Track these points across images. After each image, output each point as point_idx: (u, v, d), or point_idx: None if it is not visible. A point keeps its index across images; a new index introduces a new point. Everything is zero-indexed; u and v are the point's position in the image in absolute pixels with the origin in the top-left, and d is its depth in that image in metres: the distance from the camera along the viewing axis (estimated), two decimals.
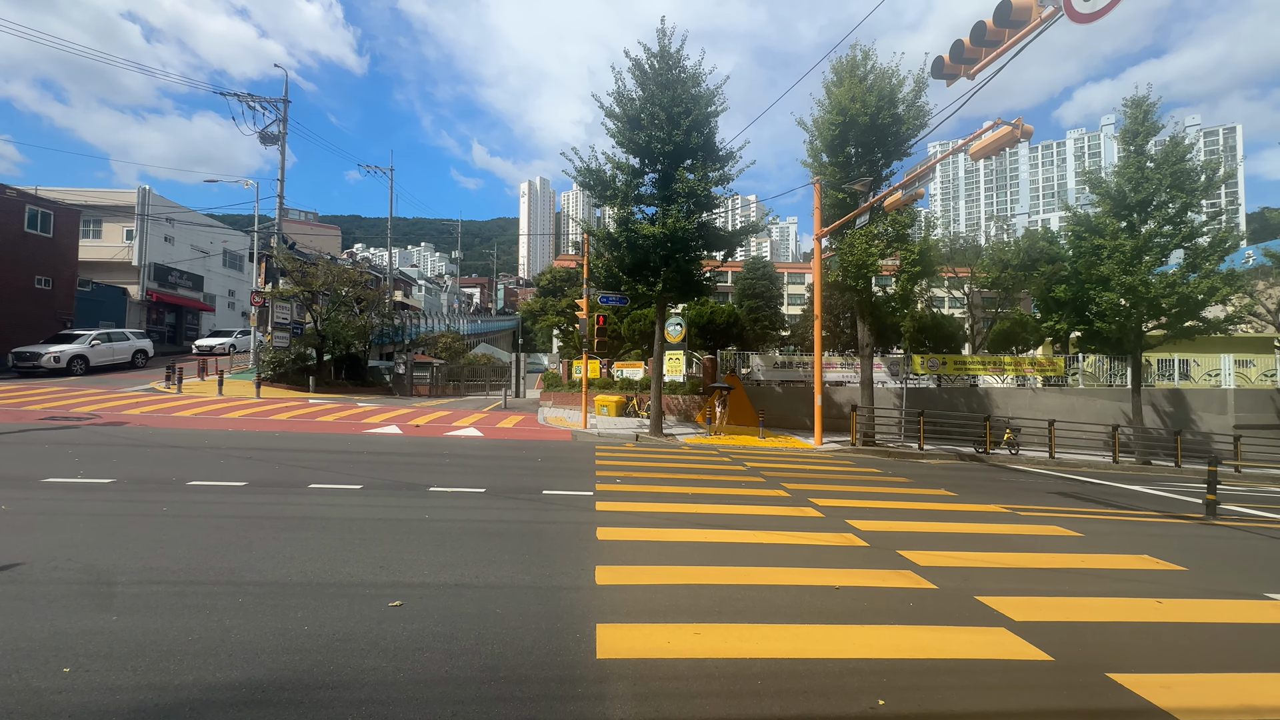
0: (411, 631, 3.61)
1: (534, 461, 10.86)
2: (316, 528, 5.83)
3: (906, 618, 4.29)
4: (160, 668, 3.07)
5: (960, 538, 6.90)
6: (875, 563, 5.66)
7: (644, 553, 5.57)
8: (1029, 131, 9.47)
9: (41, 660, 3.10)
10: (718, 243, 16.40)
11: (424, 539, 5.62)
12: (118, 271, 31.02)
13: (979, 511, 8.52)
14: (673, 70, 15.17)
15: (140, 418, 14.06)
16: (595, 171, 15.41)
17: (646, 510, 7.31)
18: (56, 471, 7.84)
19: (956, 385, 21.76)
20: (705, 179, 15.23)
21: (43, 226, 25.28)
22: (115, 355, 23.75)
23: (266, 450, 10.60)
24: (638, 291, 16.03)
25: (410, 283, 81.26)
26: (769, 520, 7.18)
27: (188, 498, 6.84)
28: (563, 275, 38.62)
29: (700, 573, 5.05)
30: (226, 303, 39.07)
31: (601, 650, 3.48)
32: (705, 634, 3.82)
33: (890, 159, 16.62)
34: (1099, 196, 17.93)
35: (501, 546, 5.49)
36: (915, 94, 15.75)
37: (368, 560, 4.94)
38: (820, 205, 16.57)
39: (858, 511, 7.90)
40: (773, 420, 19.01)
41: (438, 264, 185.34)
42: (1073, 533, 7.46)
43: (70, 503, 6.44)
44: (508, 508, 7.11)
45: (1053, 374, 21.50)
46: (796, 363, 21.46)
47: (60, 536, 5.23)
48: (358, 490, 7.60)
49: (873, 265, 15.92)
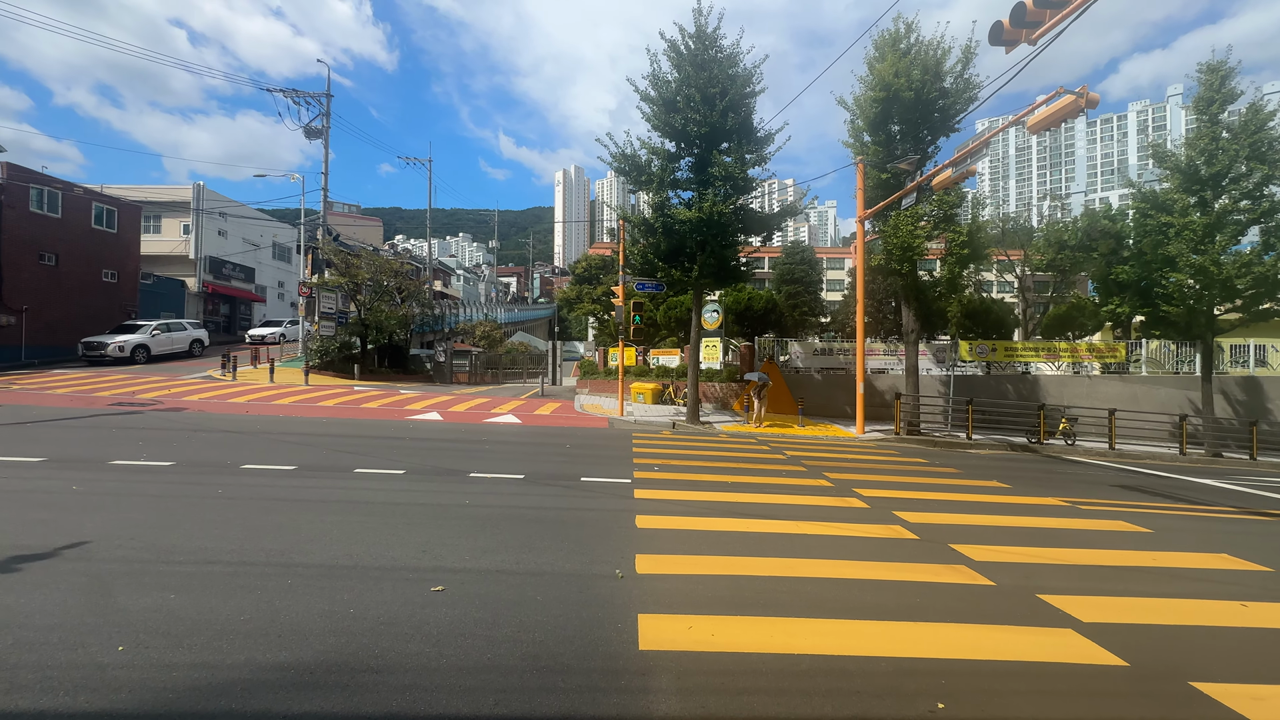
0: (453, 617, 3.61)
1: (571, 448, 10.88)
2: (361, 511, 5.94)
3: (964, 616, 4.08)
4: (214, 646, 3.14)
5: (1017, 532, 6.57)
6: (926, 557, 5.42)
7: (684, 542, 5.47)
8: (1094, 100, 8.84)
9: (105, 636, 3.21)
10: (755, 226, 16.03)
11: (464, 524, 5.66)
12: (176, 264, 32.51)
13: (1036, 505, 8.11)
14: (709, 50, 14.80)
15: (198, 403, 14.70)
16: (630, 157, 15.22)
17: (685, 499, 7.21)
18: (122, 454, 8.23)
19: (1006, 373, 20.87)
20: (742, 161, 14.87)
21: (108, 223, 26.63)
22: (174, 344, 24.94)
23: (314, 435, 10.93)
24: (674, 278, 15.83)
25: (449, 272, 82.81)
26: (812, 510, 6.99)
27: (241, 480, 7.08)
28: (598, 263, 38.63)
29: (742, 563, 4.92)
30: (276, 293, 40.54)
31: (644, 641, 3.41)
32: (750, 627, 3.70)
33: (936, 136, 15.87)
34: (1167, 171, 16.76)
35: (541, 533, 5.47)
36: (962, 66, 14.96)
37: (410, 544, 5.00)
38: (863, 186, 15.98)
39: (905, 503, 7.62)
40: (812, 409, 18.62)
41: (475, 254, 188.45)
42: (1140, 529, 7.02)
43: (134, 484, 6.75)
44: (546, 494, 7.11)
45: (1112, 361, 20.37)
46: (837, 349, 20.93)
47: (124, 516, 5.47)
48: (400, 475, 7.73)
49: (918, 248, 15.30)
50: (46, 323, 23.35)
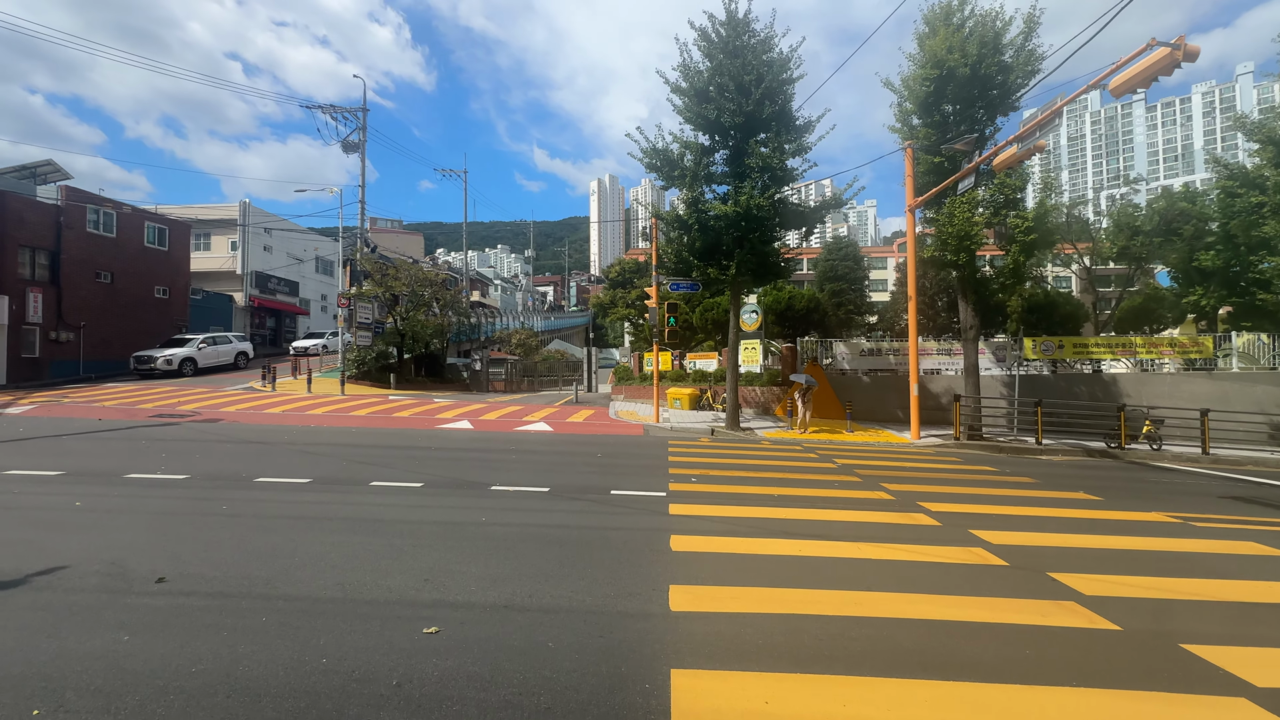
0: (444, 671, 2.94)
1: (603, 458, 10.20)
2: (368, 531, 5.38)
3: (1097, 676, 3.16)
4: (145, 711, 2.55)
5: (1125, 557, 5.52)
6: (1023, 589, 4.48)
7: (727, 568, 4.69)
8: (1193, 53, 7.67)
9: (26, 693, 2.66)
10: (795, 220, 15.11)
11: (477, 546, 5.03)
12: (224, 280, 33.57)
13: (1139, 521, 6.96)
14: (741, 36, 14.03)
15: (234, 414, 14.70)
16: (661, 151, 14.54)
17: (727, 515, 6.41)
18: (142, 467, 7.98)
19: (1074, 371, 19.17)
20: (781, 151, 13.99)
21: (160, 241, 27.61)
22: (220, 357, 25.56)
23: (339, 446, 10.59)
24: (710, 277, 15.03)
25: (487, 283, 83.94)
26: (874, 529, 6.09)
27: (251, 495, 6.66)
28: (632, 267, 38.07)
29: (800, 598, 4.10)
30: (320, 306, 41.53)
31: (677, 712, 2.66)
32: (816, 692, 2.90)
33: (993, 115, 14.63)
34: (1258, 144, 15.05)
35: (561, 557, 4.78)
36: (1025, 37, 13.71)
37: (412, 571, 4.38)
38: (912, 173, 14.85)
39: (981, 519, 6.62)
40: (860, 413, 17.45)
41: (513, 265, 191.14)
42: (1277, 551, 5.84)
43: (141, 499, 6.39)
44: (571, 510, 6.43)
45: (1197, 356, 18.42)
46: (886, 349, 19.65)
47: (114, 537, 5.04)
48: (418, 489, 7.19)
49: (976, 236, 14.07)
50: (102, 338, 24.24)
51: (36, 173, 26.82)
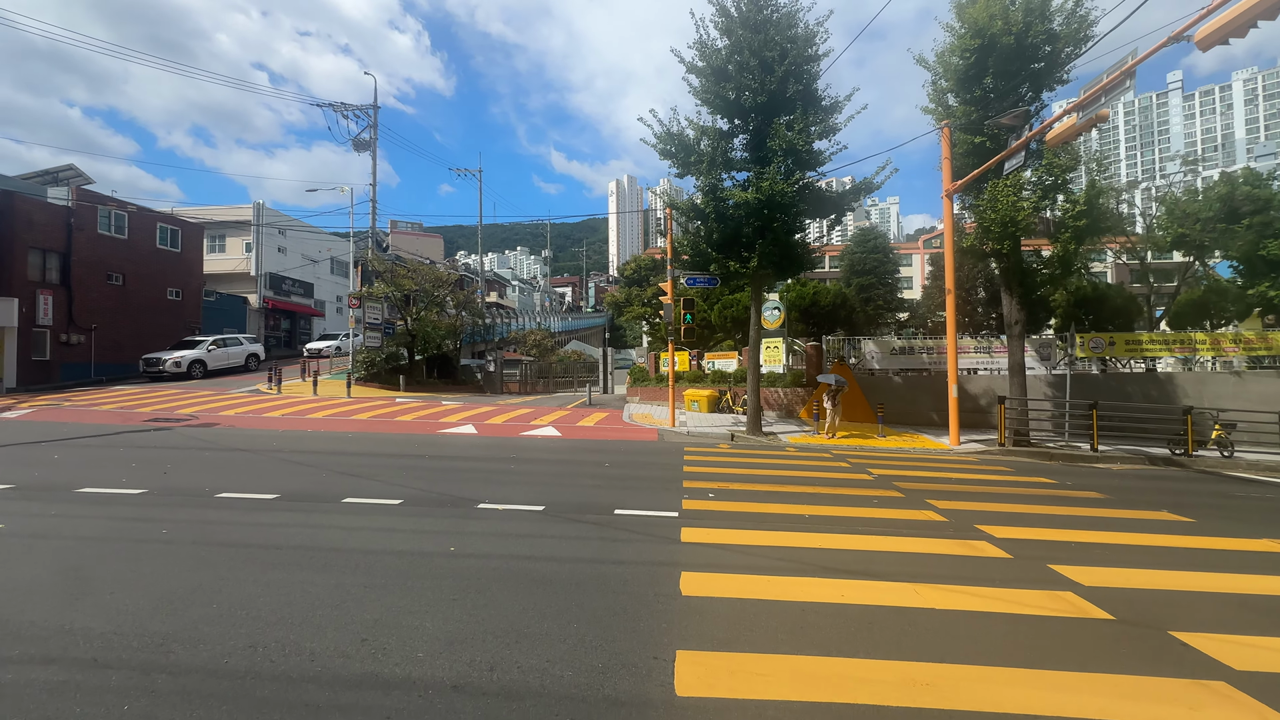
0: None
1: (610, 468, 9.23)
2: (317, 565, 4.49)
3: None
4: None
5: (1255, 603, 4.37)
6: (1150, 659, 3.39)
7: (752, 624, 3.68)
8: None
9: None
10: (822, 206, 13.97)
11: (440, 588, 4.09)
12: (239, 282, 33.39)
13: (1253, 553, 5.77)
14: (763, 10, 12.97)
15: (233, 418, 14.08)
16: (676, 136, 13.52)
17: (751, 543, 5.38)
18: (101, 480, 7.24)
19: (1124, 371, 17.69)
20: (806, 133, 12.89)
21: (172, 243, 27.41)
22: (230, 359, 25.19)
23: (327, 454, 9.79)
24: (729, 270, 13.96)
25: (504, 283, 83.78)
26: (930, 563, 5.01)
27: (203, 516, 5.83)
28: (648, 264, 37.04)
29: (852, 670, 3.08)
30: (335, 308, 41.31)
31: None
32: None
33: (1039, 90, 13.31)
34: None
35: (542, 605, 3.82)
36: (1075, 2, 12.42)
37: (351, 626, 3.46)
38: (949, 155, 13.61)
39: (1058, 550, 5.50)
40: (892, 416, 16.21)
41: (532, 266, 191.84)
42: None
43: (75, 521, 5.60)
44: (565, 536, 5.46)
45: (1265, 353, 16.82)
46: (919, 348, 18.34)
47: (11, 573, 4.22)
48: (394, 507, 6.30)
49: (1022, 222, 12.77)
50: (114, 340, 24.01)
51: (59, 177, 26.82)
